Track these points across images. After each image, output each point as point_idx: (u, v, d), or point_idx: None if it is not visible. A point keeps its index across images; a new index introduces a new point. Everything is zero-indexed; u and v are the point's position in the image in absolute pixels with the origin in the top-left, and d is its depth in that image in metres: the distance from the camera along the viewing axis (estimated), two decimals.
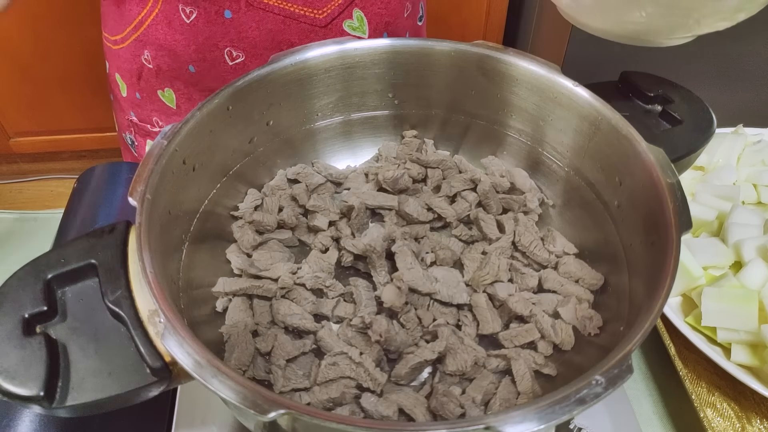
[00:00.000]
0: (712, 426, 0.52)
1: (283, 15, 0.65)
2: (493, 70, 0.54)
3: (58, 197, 1.98)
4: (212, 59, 0.67)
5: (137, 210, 0.39)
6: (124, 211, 0.63)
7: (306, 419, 0.31)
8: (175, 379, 0.36)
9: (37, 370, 0.34)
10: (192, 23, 0.65)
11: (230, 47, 0.66)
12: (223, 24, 0.65)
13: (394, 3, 0.71)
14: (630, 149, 0.46)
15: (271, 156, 0.57)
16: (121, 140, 0.85)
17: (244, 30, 0.65)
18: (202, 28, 0.65)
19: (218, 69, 0.68)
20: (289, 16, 0.65)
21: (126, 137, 0.83)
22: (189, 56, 0.68)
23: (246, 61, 0.68)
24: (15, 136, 1.85)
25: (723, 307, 0.55)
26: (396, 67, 0.56)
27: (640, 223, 0.45)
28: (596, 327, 0.46)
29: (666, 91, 0.59)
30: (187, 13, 0.64)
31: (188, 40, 0.66)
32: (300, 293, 0.49)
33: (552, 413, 0.30)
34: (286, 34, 0.66)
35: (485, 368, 0.45)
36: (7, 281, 0.38)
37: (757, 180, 0.70)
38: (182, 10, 0.64)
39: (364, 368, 0.43)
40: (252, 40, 0.66)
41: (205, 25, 0.65)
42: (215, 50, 0.66)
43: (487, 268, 0.49)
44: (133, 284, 0.38)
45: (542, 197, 0.56)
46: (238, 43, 0.66)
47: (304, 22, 0.66)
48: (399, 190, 0.57)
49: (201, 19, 0.64)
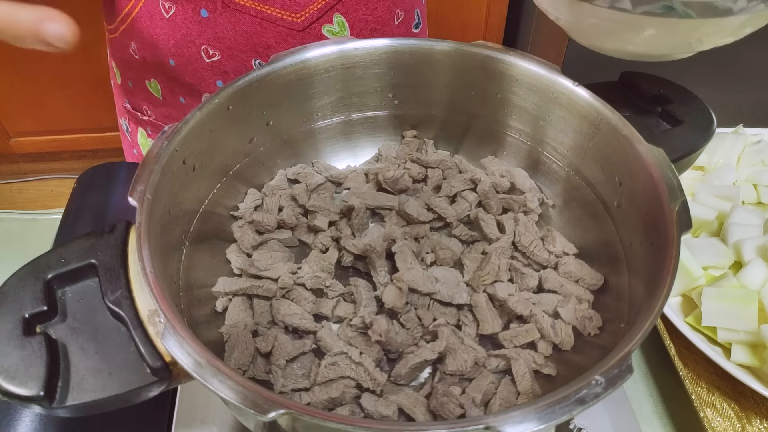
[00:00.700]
0: (712, 426, 0.52)
1: (259, 17, 0.64)
2: (493, 70, 0.54)
3: (58, 197, 1.98)
4: (189, 55, 0.68)
5: (137, 210, 0.39)
6: (124, 211, 0.63)
7: (306, 419, 0.31)
8: (175, 379, 0.36)
9: (37, 370, 0.34)
10: (170, 19, 0.65)
11: (206, 45, 0.66)
12: (199, 22, 0.65)
13: (381, 10, 0.70)
14: (630, 149, 0.46)
15: (271, 156, 0.57)
16: (119, 126, 0.87)
17: (220, 30, 0.65)
18: (179, 24, 0.65)
19: (195, 65, 0.68)
20: (265, 19, 0.65)
21: (122, 122, 0.85)
22: (168, 50, 0.68)
23: (222, 60, 0.68)
24: (15, 136, 1.86)
25: (723, 307, 0.55)
26: (396, 67, 0.56)
27: (640, 223, 0.45)
28: (596, 327, 0.46)
29: (666, 91, 0.59)
30: (166, 9, 0.65)
31: (167, 35, 0.67)
32: (300, 293, 0.49)
33: (552, 413, 0.30)
34: (263, 36, 0.66)
35: (485, 368, 0.45)
36: (7, 281, 0.38)
37: (757, 180, 0.70)
38: (162, 5, 0.65)
39: (364, 368, 0.43)
40: (228, 41, 0.66)
41: (183, 21, 0.65)
42: (192, 47, 0.67)
43: (487, 268, 0.49)
44: (133, 284, 0.38)
45: (542, 197, 0.56)
46: (214, 42, 0.66)
47: (281, 26, 0.65)
48: (399, 190, 0.57)
49: (179, 16, 0.65)
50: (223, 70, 0.69)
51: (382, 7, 0.70)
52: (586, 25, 0.44)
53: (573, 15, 0.44)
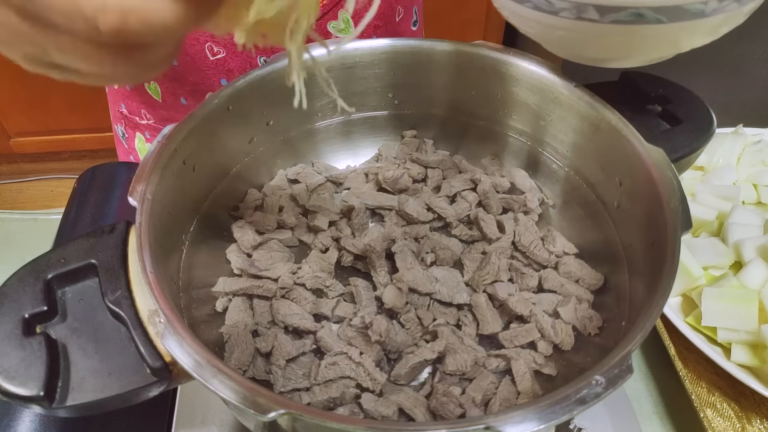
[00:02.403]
0: (712, 426, 0.52)
1: None
2: (493, 70, 0.54)
3: (58, 197, 1.98)
4: (193, 53, 0.67)
5: (137, 210, 0.39)
6: (124, 211, 0.63)
7: (306, 419, 0.31)
8: (175, 379, 0.36)
9: (37, 370, 0.34)
10: None
11: (211, 42, 0.66)
12: None
13: (384, 6, 0.70)
14: (630, 149, 0.46)
15: (271, 156, 0.57)
16: (115, 133, 0.86)
17: None
18: None
19: (199, 64, 0.68)
20: None
21: (118, 129, 0.84)
22: None
23: (227, 57, 0.67)
24: (15, 136, 1.85)
25: (723, 307, 0.55)
26: (396, 67, 0.56)
27: (640, 223, 0.45)
28: (596, 327, 0.46)
29: (666, 91, 0.58)
30: None
31: None
32: (300, 293, 0.49)
33: (552, 413, 0.30)
34: None
35: (485, 368, 0.45)
36: (7, 281, 0.38)
37: (757, 180, 0.70)
38: None
39: (364, 368, 0.43)
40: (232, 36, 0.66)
41: None
42: (196, 44, 0.66)
43: (487, 268, 0.49)
44: (133, 284, 0.38)
45: (542, 197, 0.56)
46: (218, 38, 0.66)
47: None
48: (399, 190, 0.57)
49: None
50: (228, 68, 0.68)
51: (384, 4, 0.70)
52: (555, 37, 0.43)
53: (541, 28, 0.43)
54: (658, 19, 0.38)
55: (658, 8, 0.37)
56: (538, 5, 0.40)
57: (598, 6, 0.38)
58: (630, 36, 0.40)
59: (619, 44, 0.41)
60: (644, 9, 0.37)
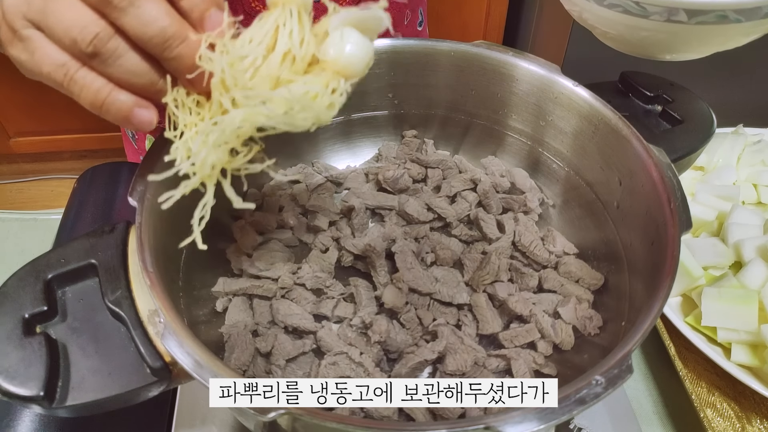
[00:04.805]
0: (712, 426, 0.52)
1: None
2: (492, 70, 0.54)
3: (58, 197, 1.97)
4: None
5: (137, 210, 0.39)
6: (124, 211, 0.63)
7: (306, 419, 0.31)
8: (175, 379, 0.36)
9: (37, 370, 0.34)
10: None
11: None
12: None
13: (393, 12, 0.70)
14: (630, 149, 0.46)
15: (271, 156, 0.57)
16: (123, 134, 0.86)
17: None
18: None
19: None
20: None
21: (127, 129, 0.83)
22: None
23: None
24: (15, 136, 1.85)
25: (723, 307, 0.55)
26: (396, 67, 0.56)
27: (640, 223, 0.45)
28: (596, 327, 0.46)
29: (666, 91, 0.59)
30: None
31: None
32: (300, 293, 0.49)
33: (552, 413, 0.30)
34: None
35: (485, 368, 0.45)
36: (7, 281, 0.37)
37: (757, 180, 0.70)
38: None
39: (364, 368, 0.43)
40: None
41: None
42: None
43: (487, 268, 0.49)
44: (133, 284, 0.38)
45: (542, 197, 0.56)
46: None
47: None
48: (399, 190, 0.57)
49: None
50: None
51: (394, 10, 0.70)
52: (638, 38, 0.46)
53: (624, 29, 0.46)
54: (738, 19, 0.41)
55: (740, 10, 0.41)
56: (628, 9, 0.43)
57: (689, 9, 0.41)
58: (708, 34, 0.43)
59: (695, 42, 0.45)
60: (729, 11, 0.40)
